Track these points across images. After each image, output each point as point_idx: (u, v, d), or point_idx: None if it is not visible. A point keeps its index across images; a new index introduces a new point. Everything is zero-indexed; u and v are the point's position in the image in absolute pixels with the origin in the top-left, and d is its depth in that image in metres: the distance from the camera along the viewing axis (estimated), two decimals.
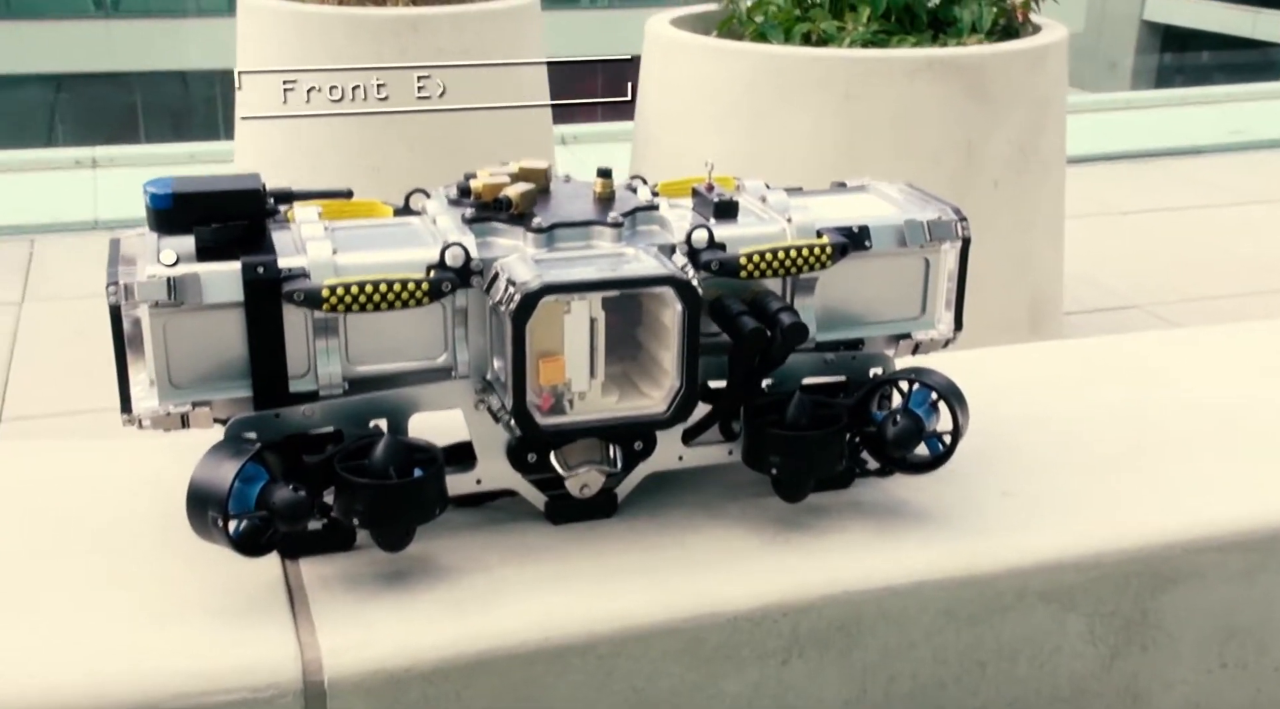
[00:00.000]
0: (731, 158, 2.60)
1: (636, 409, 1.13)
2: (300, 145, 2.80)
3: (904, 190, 1.32)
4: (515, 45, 2.86)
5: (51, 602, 1.09)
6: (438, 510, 1.10)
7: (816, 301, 1.22)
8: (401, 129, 2.74)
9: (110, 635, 1.04)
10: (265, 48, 2.80)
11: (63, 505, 1.23)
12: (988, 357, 1.69)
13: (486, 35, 2.76)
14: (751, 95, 2.63)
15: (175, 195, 1.10)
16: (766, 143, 2.62)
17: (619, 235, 1.15)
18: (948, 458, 1.19)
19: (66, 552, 1.15)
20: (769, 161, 2.63)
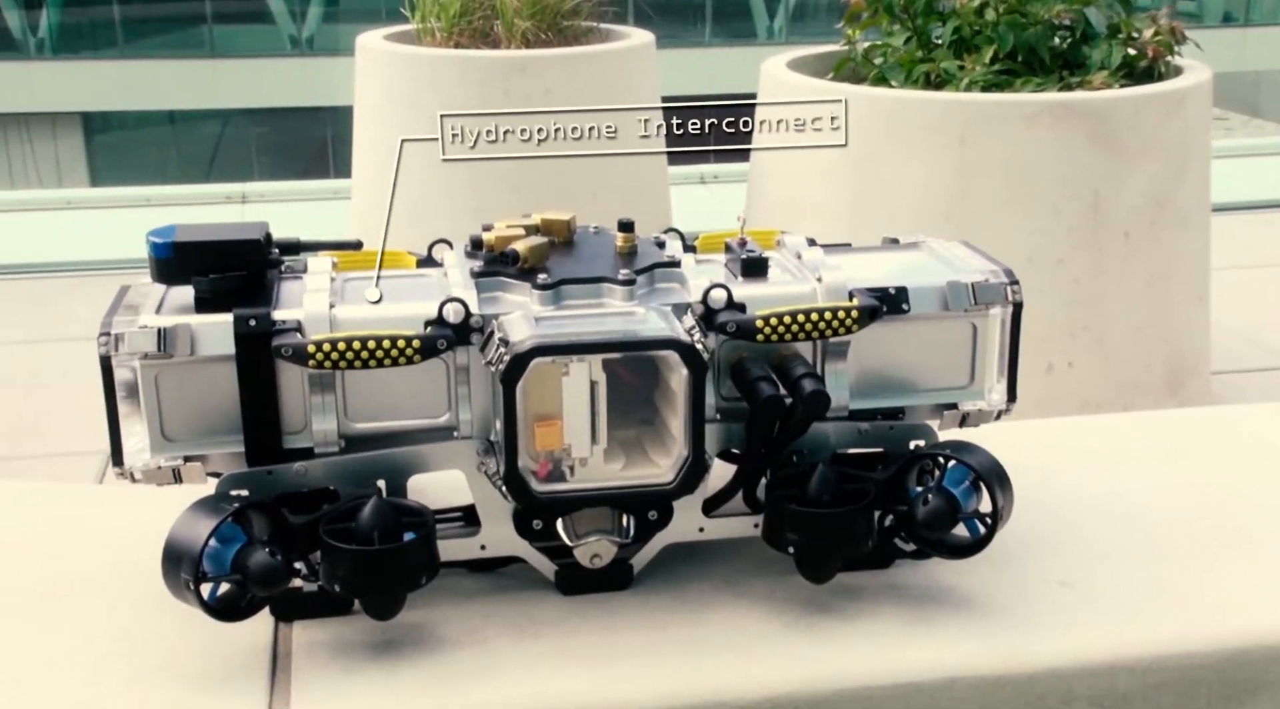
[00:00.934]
0: (838, 205, 2.51)
1: (642, 478, 1.06)
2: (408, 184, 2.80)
3: (959, 249, 1.22)
4: (628, 86, 2.82)
5: (22, 655, 1.06)
6: (425, 579, 1.04)
7: (850, 367, 1.14)
8: (507, 171, 2.72)
9: (75, 694, 1.01)
10: (380, 88, 2.82)
11: (52, 553, 1.21)
12: (1072, 426, 1.57)
13: (597, 77, 2.73)
14: (861, 140, 2.53)
15: (175, 245, 1.07)
16: (875, 189, 2.53)
17: (630, 293, 1.08)
18: (986, 543, 1.09)
19: (49, 603, 1.13)
20: (877, 209, 2.53)
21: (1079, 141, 2.51)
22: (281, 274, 1.15)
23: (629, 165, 2.85)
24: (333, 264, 1.17)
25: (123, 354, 1.03)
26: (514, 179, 2.71)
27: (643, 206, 2.88)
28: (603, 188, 2.76)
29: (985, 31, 2.78)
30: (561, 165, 2.75)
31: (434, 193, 2.77)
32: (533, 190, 2.71)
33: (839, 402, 1.13)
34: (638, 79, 2.86)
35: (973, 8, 2.78)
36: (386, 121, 2.79)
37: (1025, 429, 1.56)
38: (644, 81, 2.89)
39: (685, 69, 10.67)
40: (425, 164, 2.75)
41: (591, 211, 2.58)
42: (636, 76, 2.85)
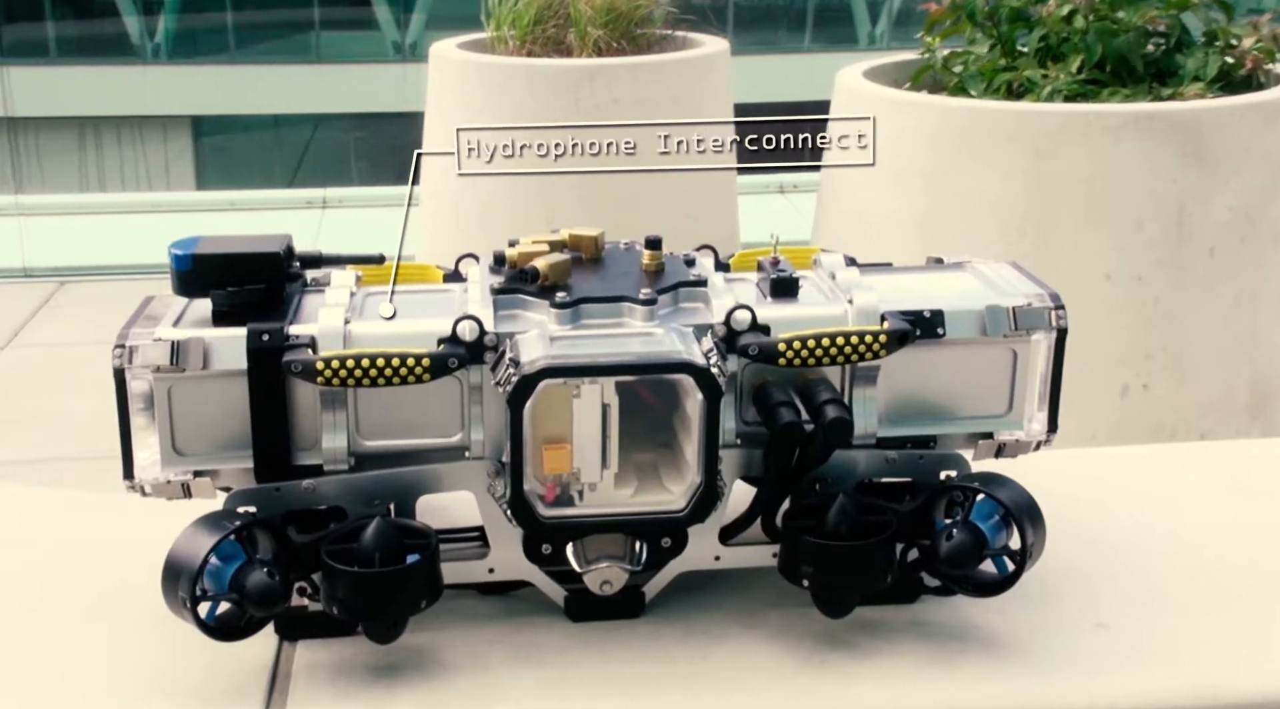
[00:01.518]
0: (909, 219, 2.46)
1: (654, 504, 1.03)
2: (476, 194, 2.80)
3: (1006, 270, 1.17)
4: (698, 95, 2.79)
5: (22, 669, 1.06)
6: (424, 603, 1.02)
7: (880, 393, 1.09)
8: (578, 181, 2.70)
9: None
10: (452, 96, 2.82)
11: (60, 562, 1.21)
12: (1134, 455, 1.51)
13: (666, 85, 2.70)
14: (934, 151, 2.47)
15: (194, 257, 1.06)
16: (948, 203, 2.46)
17: (651, 313, 1.05)
18: (1013, 582, 1.04)
19: (55, 614, 1.13)
20: (950, 223, 2.47)
21: (1165, 154, 2.42)
22: (305, 288, 1.13)
23: (701, 175, 2.81)
24: (356, 278, 1.15)
25: (136, 366, 1.02)
26: (584, 188, 2.69)
27: (710, 218, 2.84)
28: (671, 199, 2.73)
29: (1073, 39, 2.69)
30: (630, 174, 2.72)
31: (502, 200, 2.76)
32: (602, 200, 2.68)
33: (867, 428, 1.09)
34: (709, 88, 2.82)
35: (1060, 15, 2.70)
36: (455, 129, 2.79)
37: (1082, 458, 1.50)
38: (715, 90, 2.85)
39: (781, 75, 10.57)
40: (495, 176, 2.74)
41: (656, 223, 2.54)
42: (708, 85, 2.81)
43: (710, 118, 2.85)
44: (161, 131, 13.47)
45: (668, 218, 2.76)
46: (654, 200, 2.72)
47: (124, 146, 13.40)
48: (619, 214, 2.70)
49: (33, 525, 1.31)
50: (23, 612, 1.14)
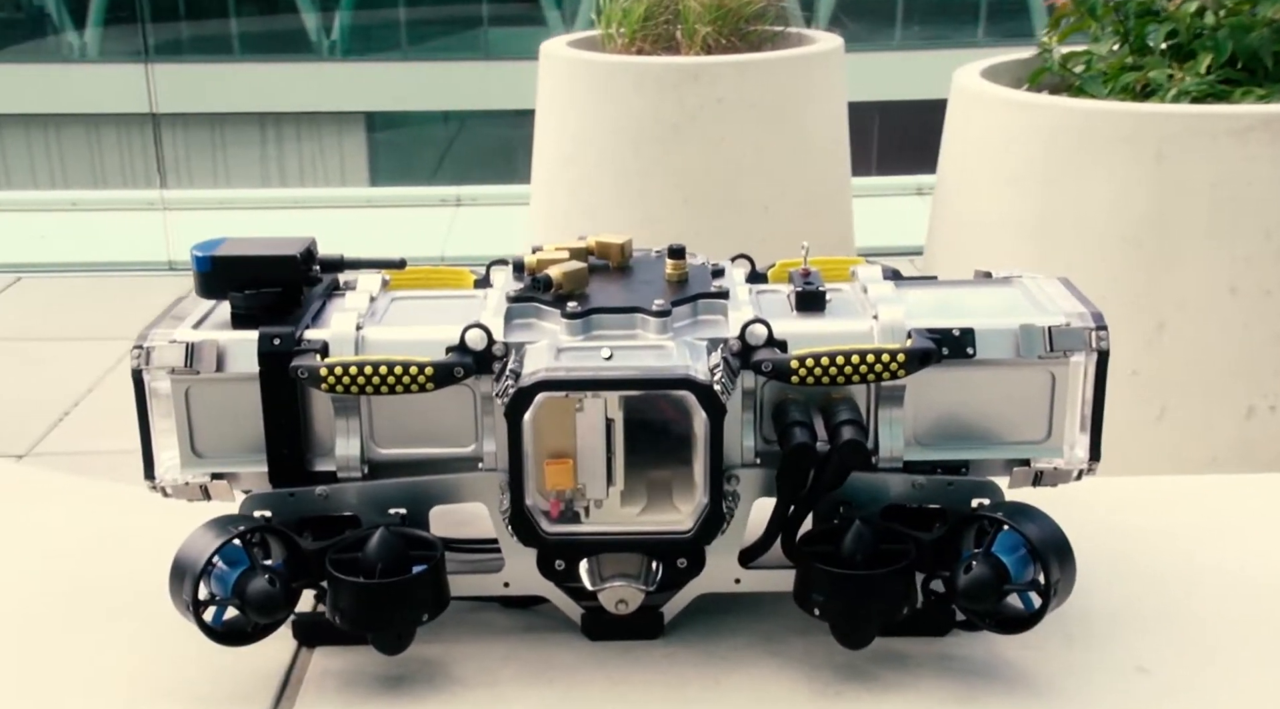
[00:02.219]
0: (1022, 224, 2.37)
1: (661, 524, 1.00)
2: (580, 195, 2.80)
3: (1053, 287, 1.11)
4: (804, 93, 2.73)
5: (35, 666, 1.08)
6: (427, 616, 1.01)
7: (908, 414, 1.04)
8: (679, 182, 2.68)
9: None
10: (560, 95, 2.82)
11: (91, 557, 1.22)
12: (1218, 485, 1.42)
13: (772, 84, 2.65)
14: (1049, 155, 2.38)
15: (213, 259, 1.07)
16: (1063, 208, 2.37)
17: (665, 325, 1.02)
18: (1036, 620, 0.98)
19: (75, 609, 1.14)
20: (1064, 229, 2.37)
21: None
22: (333, 291, 1.13)
23: (810, 177, 2.76)
24: (383, 282, 1.15)
25: (153, 368, 1.03)
26: (685, 190, 2.66)
27: (821, 221, 2.78)
28: (778, 201, 2.68)
29: (1204, 37, 2.56)
30: (734, 176, 2.69)
31: (609, 200, 2.75)
32: (703, 202, 2.66)
33: (892, 452, 1.04)
34: (819, 86, 2.76)
35: (1189, 10, 2.57)
36: (564, 128, 2.79)
37: (1161, 486, 1.42)
38: (826, 89, 2.79)
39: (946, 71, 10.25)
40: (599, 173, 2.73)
41: (763, 226, 2.56)
42: (817, 84, 2.75)
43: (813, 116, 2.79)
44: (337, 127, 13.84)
45: (777, 220, 2.71)
46: (760, 202, 2.68)
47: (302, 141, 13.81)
48: (720, 216, 2.67)
49: (67, 516, 1.34)
50: (48, 609, 1.16)
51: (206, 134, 11.53)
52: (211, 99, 11.51)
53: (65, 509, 1.36)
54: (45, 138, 10.92)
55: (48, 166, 10.59)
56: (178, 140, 11.33)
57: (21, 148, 10.76)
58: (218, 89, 11.70)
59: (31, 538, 1.30)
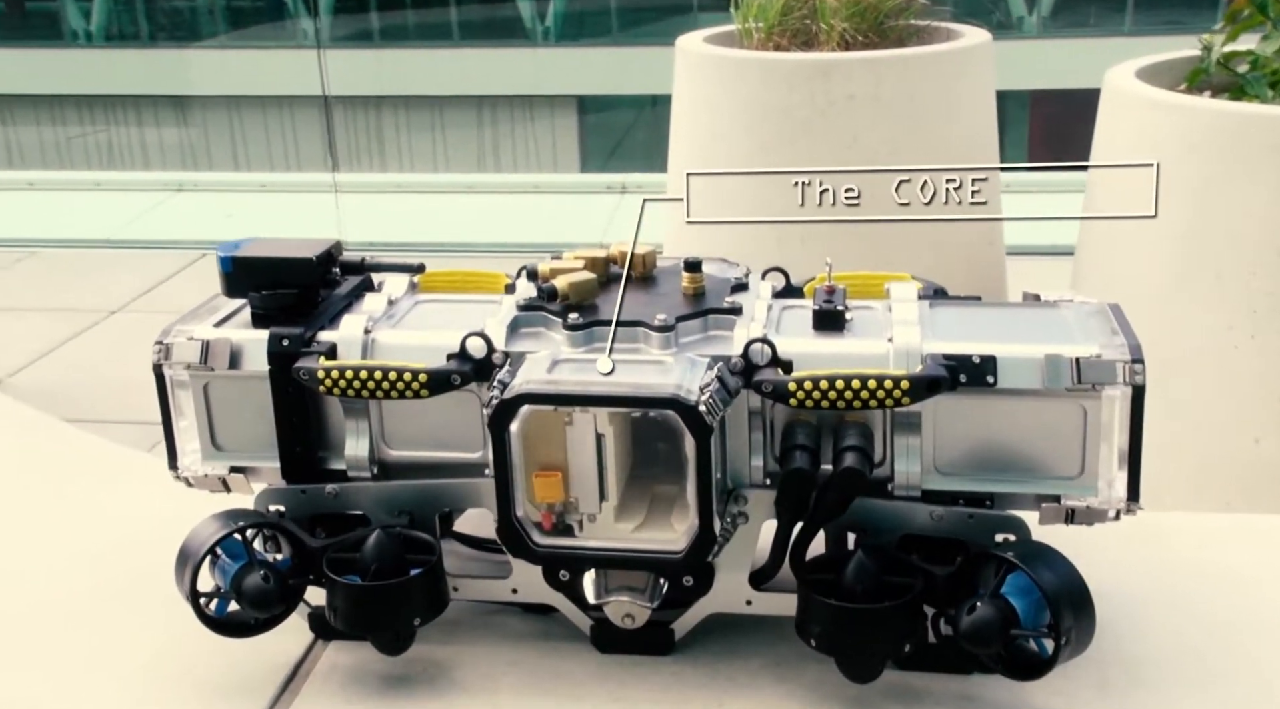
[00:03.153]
0: (1170, 233, 2.24)
1: (654, 543, 0.97)
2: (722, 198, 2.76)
3: (1099, 317, 1.03)
4: (946, 91, 2.62)
5: (48, 640, 1.12)
6: (419, 619, 1.00)
7: (927, 443, 0.99)
8: None
9: (77, 688, 1.05)
10: (694, 90, 2.78)
11: (114, 527, 1.25)
12: None
13: (907, 82, 2.55)
14: (1198, 161, 2.23)
15: (235, 260, 1.09)
16: (1213, 219, 2.22)
17: (668, 340, 0.99)
18: (1047, 669, 0.92)
19: (102, 586, 1.17)
20: (1213, 241, 2.23)
21: None
22: (361, 292, 1.13)
23: None
24: (411, 284, 1.15)
25: (172, 363, 1.06)
26: None
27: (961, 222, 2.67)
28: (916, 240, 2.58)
29: None
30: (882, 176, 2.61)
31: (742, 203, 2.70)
32: None
33: (909, 480, 0.99)
34: (958, 82, 2.64)
35: None
36: (696, 123, 2.75)
37: (1256, 526, 1.32)
38: (966, 85, 2.67)
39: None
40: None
41: (894, 227, 2.42)
42: (955, 80, 2.63)
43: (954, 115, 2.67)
44: (549, 110, 14.08)
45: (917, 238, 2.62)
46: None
47: (515, 124, 14.11)
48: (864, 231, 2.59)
49: (109, 489, 1.38)
50: (80, 586, 1.20)
51: (427, 116, 11.87)
52: (428, 83, 11.85)
53: (137, 486, 1.41)
54: (280, 117, 11.35)
55: (282, 147, 11.02)
56: (399, 122, 11.72)
57: (259, 128, 11.21)
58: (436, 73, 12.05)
59: (88, 512, 1.34)
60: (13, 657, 1.11)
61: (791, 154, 2.63)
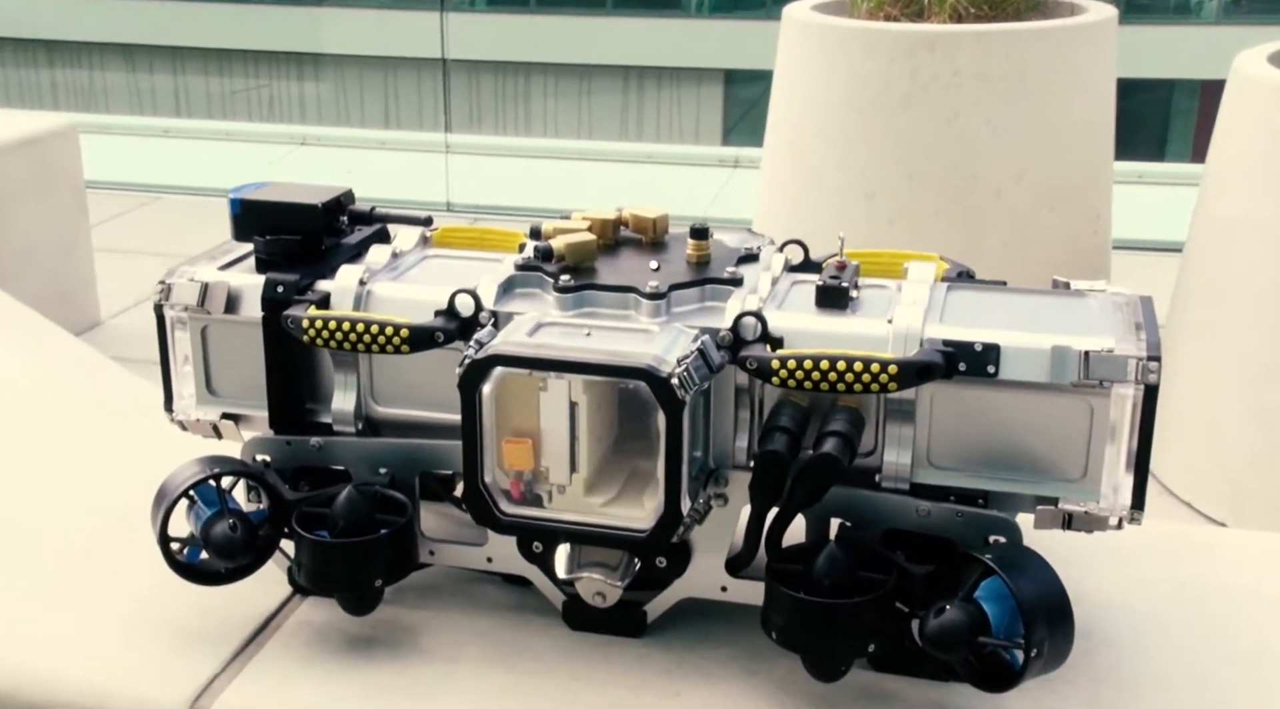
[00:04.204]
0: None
1: (621, 519, 0.93)
2: (803, 164, 2.70)
3: (1125, 310, 0.96)
4: (1058, 68, 2.51)
5: (31, 578, 1.13)
6: (380, 581, 0.98)
7: (920, 432, 0.94)
8: (905, 156, 2.53)
9: (50, 627, 1.06)
10: (795, 60, 2.72)
11: (136, 470, 1.24)
12: None
13: (1016, 58, 2.45)
14: None
15: (242, 202, 1.08)
16: None
17: (658, 309, 0.95)
18: (1015, 682, 0.86)
19: (102, 526, 1.18)
20: None
21: None
22: (372, 243, 1.12)
23: (1057, 161, 2.55)
24: (424, 238, 1.13)
25: (171, 304, 1.05)
26: (910, 165, 2.52)
27: (1065, 209, 2.56)
28: (1013, 185, 2.49)
29: None
30: (965, 154, 2.52)
31: (826, 173, 2.64)
32: (929, 180, 2.50)
33: (897, 472, 0.94)
34: (1072, 60, 2.52)
35: None
36: (794, 94, 2.69)
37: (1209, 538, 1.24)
38: (1082, 63, 2.55)
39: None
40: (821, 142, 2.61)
41: (993, 210, 2.39)
42: (1069, 58, 2.51)
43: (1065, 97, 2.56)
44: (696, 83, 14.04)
45: (1008, 206, 2.52)
46: (991, 186, 2.50)
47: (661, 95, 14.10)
48: (947, 195, 2.51)
49: (141, 430, 1.39)
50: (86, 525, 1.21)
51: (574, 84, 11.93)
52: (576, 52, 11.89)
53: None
54: (435, 82, 11.51)
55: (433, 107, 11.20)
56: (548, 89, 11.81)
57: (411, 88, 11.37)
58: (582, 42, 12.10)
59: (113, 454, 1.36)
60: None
61: (886, 131, 2.56)
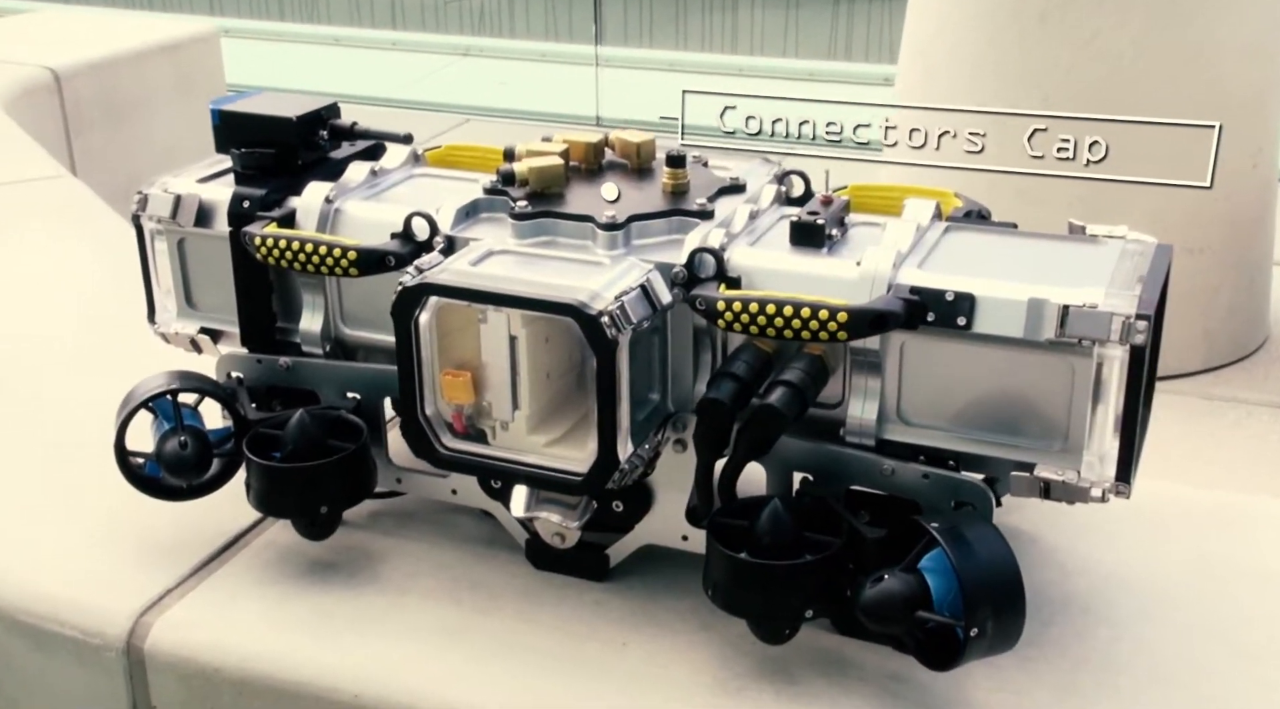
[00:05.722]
0: None
1: (561, 461, 0.88)
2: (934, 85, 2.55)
3: (1137, 259, 0.86)
4: None
5: (15, 478, 1.14)
6: (325, 507, 0.96)
7: (890, 386, 0.86)
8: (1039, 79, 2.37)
9: (21, 530, 1.07)
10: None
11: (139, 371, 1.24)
12: None
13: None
14: None
15: (222, 113, 1.05)
16: None
17: (614, 240, 0.89)
18: (954, 660, 0.79)
19: (87, 430, 1.15)
20: None
21: None
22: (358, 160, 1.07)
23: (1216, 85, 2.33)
24: (415, 156, 1.08)
25: (147, 215, 1.04)
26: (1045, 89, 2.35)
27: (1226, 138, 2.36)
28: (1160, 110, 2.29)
29: None
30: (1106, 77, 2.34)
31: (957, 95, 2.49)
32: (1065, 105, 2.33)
33: (861, 426, 0.87)
34: None
35: None
36: (926, 12, 2.54)
37: None
38: None
39: None
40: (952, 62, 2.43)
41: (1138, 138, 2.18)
42: None
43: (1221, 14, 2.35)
44: None
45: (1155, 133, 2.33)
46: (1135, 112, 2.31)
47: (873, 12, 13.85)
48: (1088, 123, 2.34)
49: None
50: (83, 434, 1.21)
51: None
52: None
53: None
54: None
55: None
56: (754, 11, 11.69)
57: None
58: None
59: None
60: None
61: (1018, 51, 2.40)
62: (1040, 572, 0.98)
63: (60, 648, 0.97)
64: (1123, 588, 0.97)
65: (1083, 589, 0.97)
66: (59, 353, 1.39)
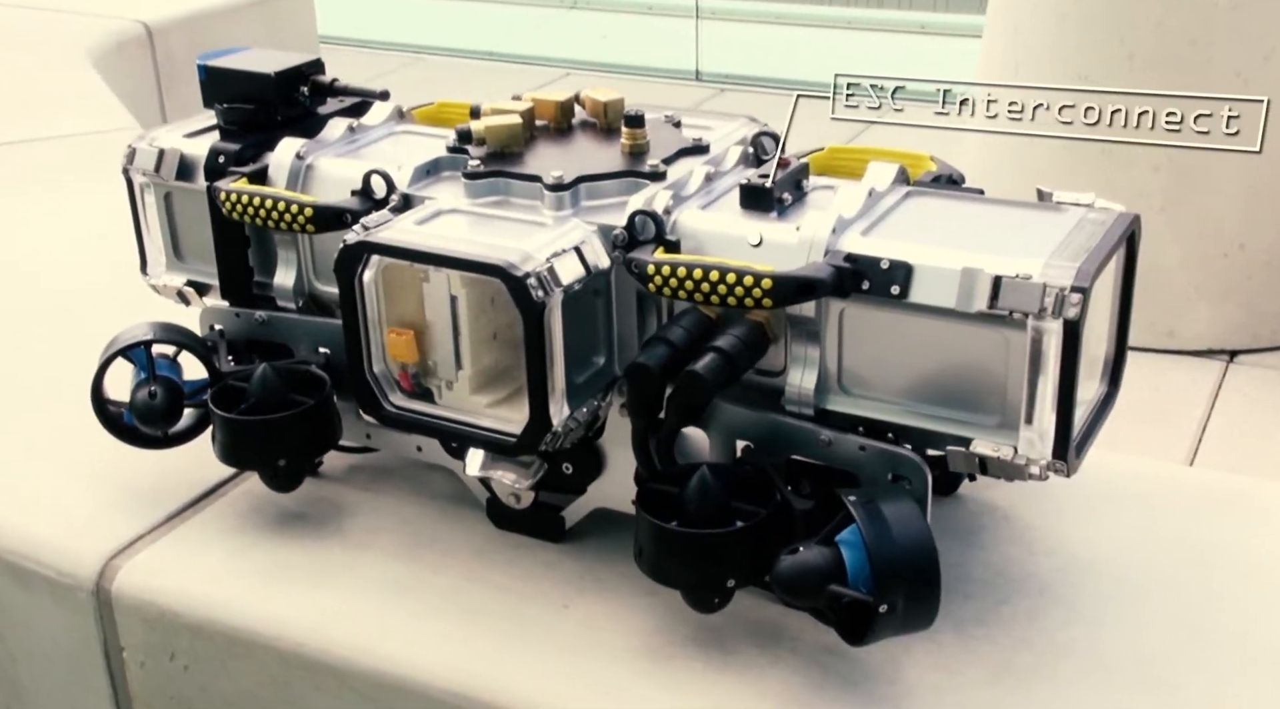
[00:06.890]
0: None
1: (499, 422, 0.88)
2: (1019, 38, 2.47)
3: (1095, 228, 0.83)
4: None
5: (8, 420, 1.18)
6: (284, 460, 0.97)
7: (828, 356, 0.84)
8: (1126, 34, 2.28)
9: (14, 474, 1.11)
10: None
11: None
12: None
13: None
14: None
15: (207, 68, 1.06)
16: None
17: (561, 201, 0.89)
18: (868, 637, 0.77)
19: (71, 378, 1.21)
20: None
21: None
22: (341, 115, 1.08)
23: None
24: (399, 113, 1.09)
25: (134, 168, 1.06)
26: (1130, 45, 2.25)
27: None
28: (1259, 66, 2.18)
29: None
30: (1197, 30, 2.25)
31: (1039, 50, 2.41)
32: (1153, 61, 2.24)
33: (800, 394, 0.85)
34: None
35: None
36: None
37: None
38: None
39: None
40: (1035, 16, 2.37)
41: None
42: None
43: None
44: None
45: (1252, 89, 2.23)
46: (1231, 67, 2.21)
47: None
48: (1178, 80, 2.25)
49: None
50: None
51: None
52: None
53: None
54: None
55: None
56: None
57: None
58: None
59: None
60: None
61: (1107, 7, 2.31)
62: (1005, 549, 0.96)
63: (39, 587, 1.01)
64: (1088, 570, 0.94)
65: (1045, 569, 0.94)
66: (111, 301, 1.43)
